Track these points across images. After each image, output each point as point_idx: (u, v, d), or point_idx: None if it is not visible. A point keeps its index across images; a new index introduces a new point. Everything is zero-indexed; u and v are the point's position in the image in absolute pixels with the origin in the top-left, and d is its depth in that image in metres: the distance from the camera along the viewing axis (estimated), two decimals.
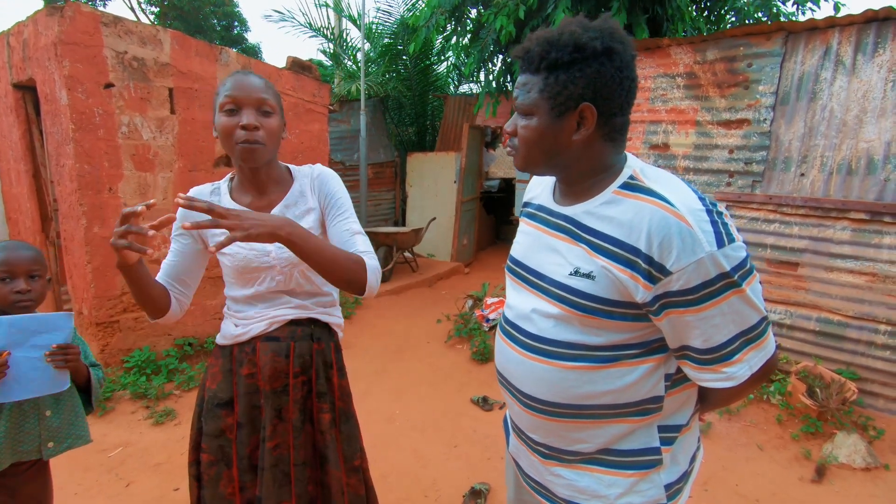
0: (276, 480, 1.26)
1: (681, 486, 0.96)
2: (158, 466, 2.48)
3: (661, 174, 0.90)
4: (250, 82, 1.18)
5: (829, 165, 3.05)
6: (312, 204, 1.30)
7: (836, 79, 3.00)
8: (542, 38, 0.87)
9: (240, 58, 3.79)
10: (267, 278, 1.28)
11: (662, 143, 3.69)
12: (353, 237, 1.25)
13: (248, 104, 1.17)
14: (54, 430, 1.37)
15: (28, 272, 1.33)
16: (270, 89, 1.22)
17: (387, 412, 3.05)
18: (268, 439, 1.26)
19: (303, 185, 1.32)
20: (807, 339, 3.19)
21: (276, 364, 1.27)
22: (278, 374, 1.27)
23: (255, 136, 1.16)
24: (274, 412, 1.27)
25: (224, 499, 1.28)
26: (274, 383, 1.27)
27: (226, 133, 1.17)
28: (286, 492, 1.27)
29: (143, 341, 3.42)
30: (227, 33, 13.33)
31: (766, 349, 0.85)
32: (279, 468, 1.27)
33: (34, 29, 3.18)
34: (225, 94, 1.17)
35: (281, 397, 1.28)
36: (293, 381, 1.28)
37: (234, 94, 1.16)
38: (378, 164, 7.31)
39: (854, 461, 2.52)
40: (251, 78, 1.20)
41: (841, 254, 3.01)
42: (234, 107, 1.16)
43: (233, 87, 1.17)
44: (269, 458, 1.26)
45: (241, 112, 1.16)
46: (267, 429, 1.26)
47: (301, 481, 1.28)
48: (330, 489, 1.31)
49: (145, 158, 3.31)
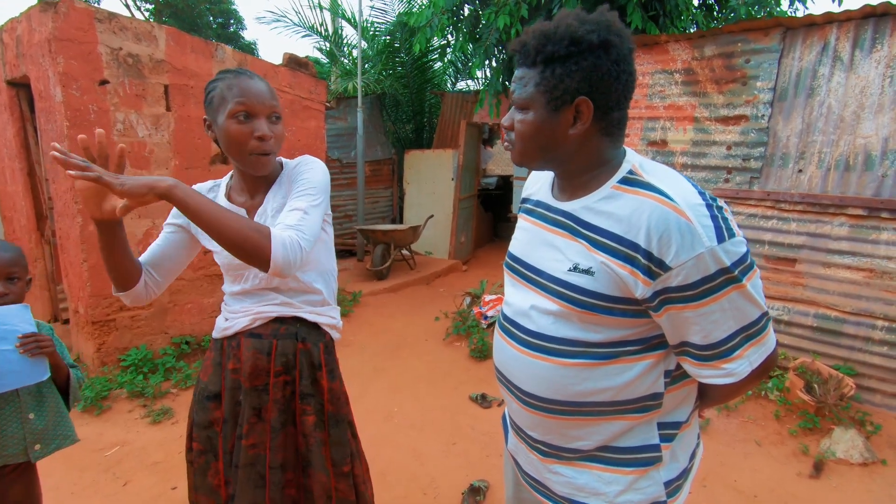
0: (250, 480, 1.25)
1: (680, 483, 0.96)
2: (156, 465, 2.47)
3: (661, 169, 0.89)
4: (260, 89, 1.16)
5: (826, 161, 3.05)
6: (287, 190, 1.25)
7: (834, 75, 3.00)
8: (538, 32, 0.86)
9: (235, 55, 3.76)
10: (250, 276, 1.27)
11: (660, 140, 3.69)
12: (291, 212, 1.13)
13: (262, 112, 1.15)
14: (39, 432, 1.36)
15: (7, 274, 1.32)
16: (274, 93, 1.21)
17: (385, 410, 3.05)
18: (244, 437, 1.25)
19: (282, 178, 1.29)
20: (804, 335, 3.20)
21: (257, 361, 1.26)
22: (259, 372, 1.26)
23: (269, 146, 1.17)
24: (252, 410, 1.26)
25: (212, 490, 1.30)
26: (254, 381, 1.26)
27: (239, 141, 1.14)
28: (260, 494, 1.26)
29: (140, 340, 3.41)
30: (223, 30, 13.25)
31: (766, 345, 0.85)
32: (255, 468, 1.25)
33: (28, 25, 3.15)
34: (236, 100, 1.13)
35: (261, 396, 1.26)
36: (273, 381, 1.26)
37: (247, 101, 1.13)
38: (375, 161, 7.29)
39: (851, 456, 2.53)
40: (259, 83, 1.17)
41: (838, 250, 3.02)
42: (247, 114, 1.14)
43: (244, 93, 1.14)
44: (245, 457, 1.25)
45: (254, 121, 1.15)
46: (244, 426, 1.25)
47: (276, 485, 1.26)
48: (313, 493, 1.29)
49: (141, 156, 3.29)
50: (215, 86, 1.17)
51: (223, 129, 1.15)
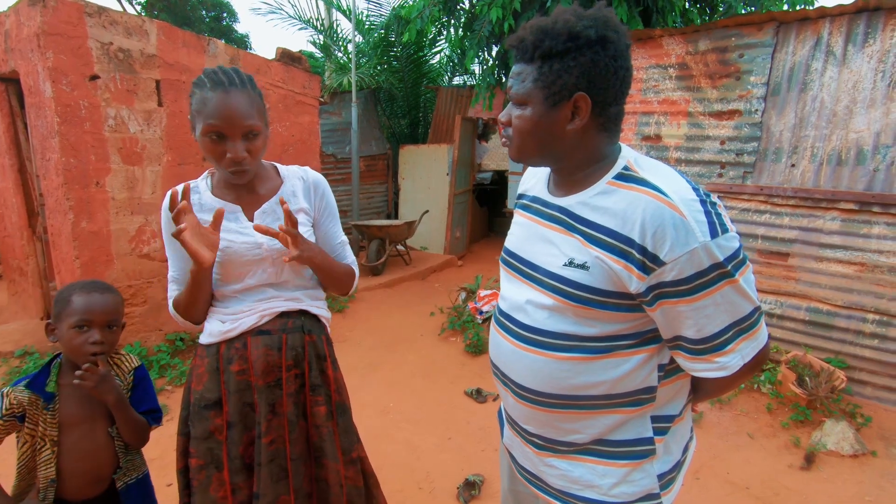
0: (273, 476, 1.25)
1: (674, 476, 0.97)
2: (151, 462, 2.43)
3: (656, 164, 0.89)
4: (235, 108, 1.13)
5: (819, 156, 3.07)
6: (304, 205, 1.34)
7: (827, 69, 3.01)
8: (536, 27, 0.86)
9: (228, 49, 3.73)
10: (258, 271, 1.26)
11: (654, 135, 3.69)
12: (344, 248, 1.43)
13: (236, 134, 1.14)
14: None
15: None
16: (255, 104, 1.17)
17: (380, 405, 3.05)
18: (263, 435, 1.24)
19: (294, 186, 1.34)
20: (797, 329, 3.23)
21: (268, 358, 1.25)
22: (271, 368, 1.26)
23: (243, 165, 1.17)
24: (268, 407, 1.25)
25: (215, 503, 1.24)
26: (267, 378, 1.25)
27: (212, 156, 1.17)
28: (283, 486, 1.26)
29: (134, 337, 3.39)
30: (216, 24, 13.14)
31: (758, 339, 0.86)
32: (276, 463, 1.26)
33: (16, 19, 3.11)
34: (207, 120, 1.12)
35: (274, 391, 1.26)
36: (286, 375, 1.27)
37: (219, 124, 1.12)
38: (370, 156, 7.26)
39: (842, 448, 2.56)
40: (235, 99, 1.13)
41: (830, 244, 3.04)
42: (219, 136, 1.14)
43: (217, 114, 1.12)
44: (266, 454, 1.24)
45: (228, 141, 1.15)
46: (262, 424, 1.24)
47: (298, 475, 1.28)
48: (328, 483, 1.30)
49: (133, 152, 3.26)
50: (193, 92, 1.17)
51: (200, 141, 1.17)
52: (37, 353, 3.40)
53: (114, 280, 3.25)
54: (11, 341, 3.56)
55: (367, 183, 7.20)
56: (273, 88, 4.06)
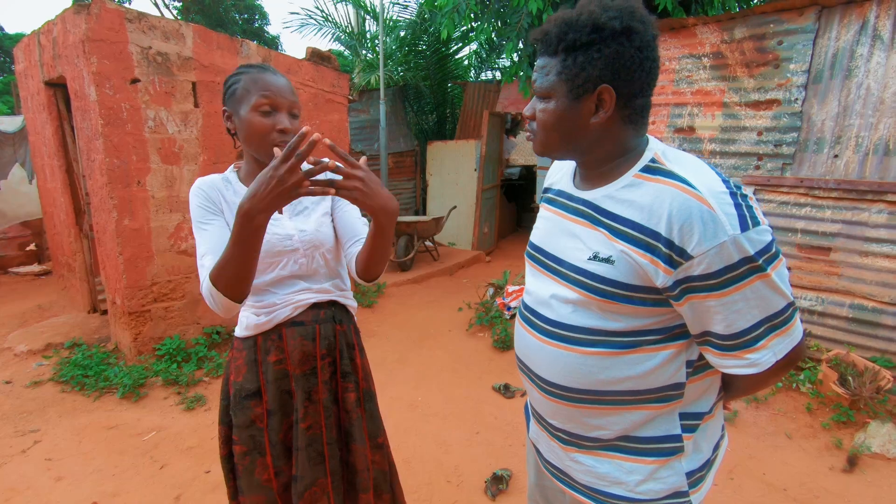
0: (311, 460, 1.30)
1: (703, 474, 0.95)
2: (190, 450, 2.57)
3: (684, 156, 0.87)
4: (283, 84, 1.21)
5: (864, 146, 2.93)
6: None
7: (874, 54, 2.87)
8: (560, 20, 0.85)
9: (260, 50, 3.82)
10: (290, 262, 1.30)
11: (688, 127, 3.59)
12: (364, 226, 1.38)
13: (284, 107, 1.21)
14: None
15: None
16: (294, 90, 1.26)
17: (409, 399, 3.09)
18: (301, 421, 1.30)
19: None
20: (839, 327, 3.10)
21: (304, 348, 1.31)
22: (307, 358, 1.31)
23: (289, 139, 1.21)
24: (304, 394, 1.31)
25: (261, 486, 1.32)
26: (303, 366, 1.31)
27: (261, 133, 1.19)
28: (321, 469, 1.32)
29: (174, 330, 3.53)
30: (248, 26, 13.46)
31: (792, 336, 0.83)
32: (313, 447, 1.31)
33: (63, 27, 3.26)
34: (261, 93, 1.18)
35: (310, 379, 1.32)
36: (320, 363, 1.32)
37: (271, 95, 1.18)
38: (398, 153, 7.32)
39: (888, 451, 2.45)
40: (281, 79, 1.22)
41: (877, 238, 2.90)
42: (270, 108, 1.19)
43: (268, 88, 1.18)
44: (304, 439, 1.30)
45: (277, 114, 1.20)
46: (300, 411, 1.30)
47: (334, 458, 1.34)
48: (356, 467, 1.35)
49: (171, 152, 3.39)
50: (238, 78, 1.22)
51: (246, 121, 1.19)
52: (84, 345, 3.58)
53: (154, 275, 3.39)
54: (61, 333, 3.77)
55: (395, 179, 7.26)
56: (303, 87, 4.14)
